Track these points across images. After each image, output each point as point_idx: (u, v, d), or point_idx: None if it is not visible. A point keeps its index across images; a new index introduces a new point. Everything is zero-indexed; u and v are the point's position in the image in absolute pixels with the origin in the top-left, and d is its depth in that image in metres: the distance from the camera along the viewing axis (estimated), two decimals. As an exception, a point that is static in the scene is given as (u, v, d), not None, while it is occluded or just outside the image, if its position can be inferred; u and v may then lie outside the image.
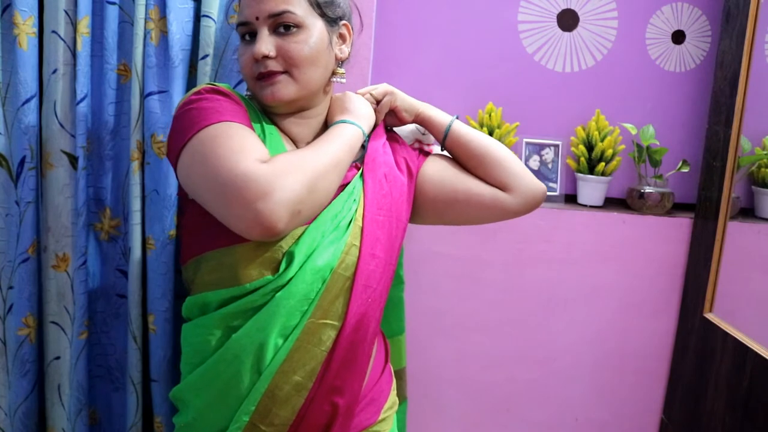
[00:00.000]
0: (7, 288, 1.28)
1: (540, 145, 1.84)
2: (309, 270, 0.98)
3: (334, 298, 1.00)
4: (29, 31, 1.23)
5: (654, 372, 1.83)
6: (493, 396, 1.83)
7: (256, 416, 0.98)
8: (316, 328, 0.99)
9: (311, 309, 0.98)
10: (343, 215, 1.03)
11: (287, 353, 0.97)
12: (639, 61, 1.85)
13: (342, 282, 1.01)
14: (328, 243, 1.00)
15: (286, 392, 0.98)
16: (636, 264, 1.78)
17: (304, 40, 1.02)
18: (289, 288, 0.97)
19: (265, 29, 1.01)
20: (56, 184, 1.28)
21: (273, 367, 0.97)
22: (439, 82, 1.82)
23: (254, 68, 1.02)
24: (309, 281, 0.98)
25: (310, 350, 0.99)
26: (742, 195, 1.74)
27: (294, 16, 1.01)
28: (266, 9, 1.00)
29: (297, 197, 0.87)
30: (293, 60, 1.01)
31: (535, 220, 1.75)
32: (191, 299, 1.05)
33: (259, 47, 1.00)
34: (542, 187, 1.16)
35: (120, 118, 1.35)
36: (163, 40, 1.30)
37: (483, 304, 1.78)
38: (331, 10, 1.06)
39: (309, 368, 0.99)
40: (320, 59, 1.04)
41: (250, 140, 0.92)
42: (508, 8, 1.81)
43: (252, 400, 0.98)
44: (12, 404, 1.30)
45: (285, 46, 1.01)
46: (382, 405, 1.13)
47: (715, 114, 1.69)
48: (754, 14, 1.54)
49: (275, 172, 0.86)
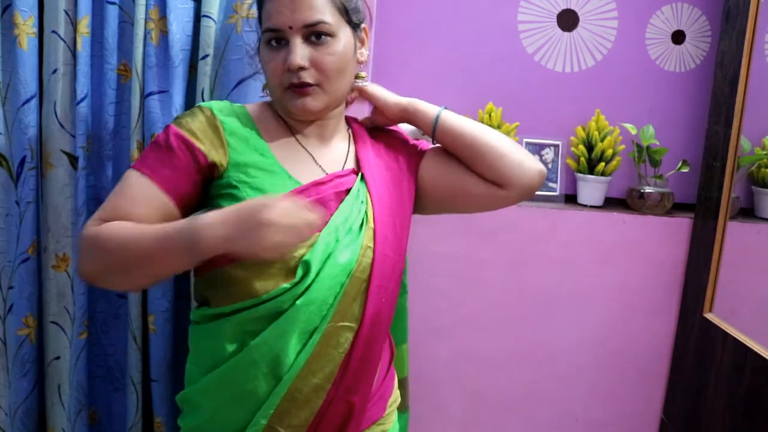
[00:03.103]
0: (7, 288, 1.28)
1: (540, 145, 1.84)
2: (327, 275, 0.98)
3: (352, 301, 1.01)
4: (29, 31, 1.23)
5: (654, 372, 1.83)
6: (493, 396, 1.83)
7: (274, 419, 0.98)
8: (335, 331, 0.99)
9: (330, 313, 0.99)
10: (354, 218, 1.03)
11: (307, 357, 0.98)
12: (639, 61, 1.84)
13: (359, 284, 1.01)
14: (344, 246, 1.00)
15: (305, 394, 0.99)
16: (636, 264, 1.78)
17: (336, 50, 1.01)
18: (308, 294, 0.97)
19: (298, 38, 0.99)
20: (56, 184, 1.28)
21: (293, 372, 0.97)
22: (439, 82, 1.82)
23: (284, 78, 1.01)
24: (328, 286, 0.98)
25: (329, 353, 0.99)
26: (742, 195, 1.74)
27: (327, 26, 0.99)
28: (301, 19, 0.98)
29: (91, 273, 0.95)
30: (326, 72, 1.01)
31: (535, 220, 1.75)
32: (206, 311, 1.03)
33: (294, 58, 0.98)
34: (538, 174, 1.11)
35: (120, 118, 1.35)
36: (163, 40, 1.30)
37: (483, 304, 1.78)
38: (356, 16, 1.06)
39: (328, 370, 0.99)
40: (349, 68, 1.05)
41: (126, 199, 0.96)
42: (508, 8, 1.81)
43: (271, 404, 0.98)
44: (12, 404, 1.30)
45: (319, 58, 1.00)
46: (388, 399, 1.15)
47: (715, 114, 1.69)
48: (754, 14, 1.54)
49: (89, 243, 0.94)
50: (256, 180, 1.00)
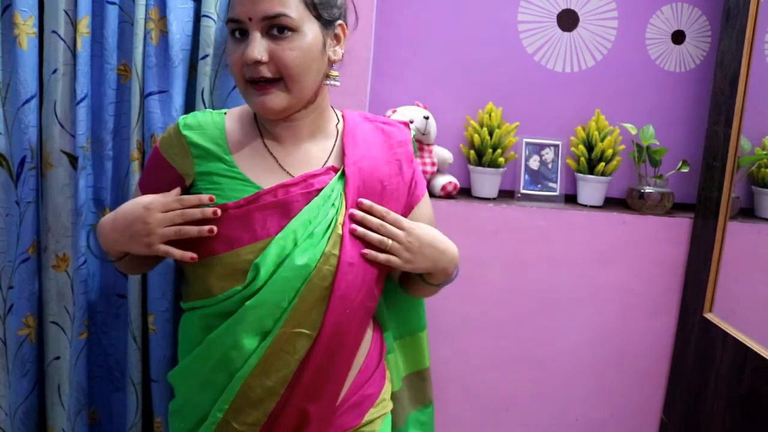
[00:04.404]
0: (7, 288, 1.28)
1: (540, 145, 1.84)
2: (280, 278, 0.98)
3: (310, 308, 0.99)
4: (29, 31, 1.23)
5: (654, 372, 1.83)
6: (493, 396, 1.83)
7: (230, 413, 1.01)
8: (289, 336, 0.99)
9: (284, 318, 0.98)
10: (318, 221, 1.00)
11: (259, 358, 0.99)
12: (639, 61, 1.84)
13: (319, 292, 0.99)
14: (301, 251, 0.98)
15: (258, 395, 1.00)
16: (636, 264, 1.78)
17: (299, 46, 0.98)
18: (257, 297, 0.98)
19: (257, 31, 0.97)
20: (56, 184, 1.28)
21: (245, 370, 0.99)
22: (439, 82, 1.82)
23: (245, 71, 0.99)
24: (279, 290, 0.98)
25: (283, 357, 0.99)
26: (742, 195, 1.73)
27: (289, 20, 0.96)
28: (261, 10, 0.95)
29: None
30: (286, 68, 0.98)
31: (535, 220, 1.75)
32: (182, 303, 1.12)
33: (251, 52, 0.96)
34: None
35: (120, 118, 1.35)
36: (163, 40, 1.30)
37: (483, 304, 1.78)
38: (327, 12, 1.01)
39: (281, 374, 1.00)
40: (313, 66, 1.01)
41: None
42: (508, 8, 1.81)
43: (225, 399, 1.01)
44: (12, 404, 1.30)
45: (278, 53, 0.97)
46: (368, 408, 1.11)
47: (715, 114, 1.69)
48: (754, 14, 1.54)
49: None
50: (218, 186, 1.02)
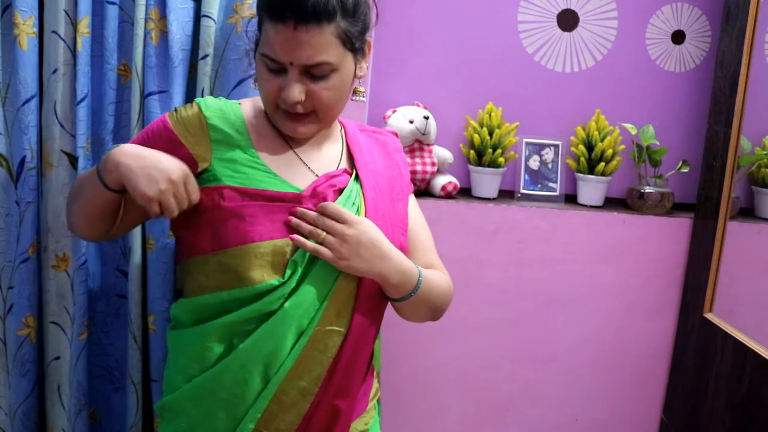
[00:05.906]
0: (7, 288, 1.28)
1: (540, 145, 1.84)
2: (314, 277, 0.98)
3: (341, 305, 1.00)
4: (29, 31, 1.23)
5: (654, 372, 1.83)
6: (493, 396, 1.83)
7: (261, 422, 0.98)
8: (323, 335, 0.99)
9: (318, 316, 0.98)
10: None
11: (295, 360, 0.97)
12: (639, 61, 1.84)
13: (348, 288, 1.01)
14: None
15: (292, 398, 0.98)
16: (636, 264, 1.78)
17: (335, 84, 0.99)
18: (296, 296, 0.97)
19: (296, 73, 0.96)
20: (56, 184, 1.28)
21: (280, 375, 0.97)
22: (439, 82, 1.82)
23: (279, 102, 1.00)
24: (315, 289, 0.98)
25: (316, 356, 0.99)
26: (742, 195, 1.74)
27: (329, 66, 0.96)
28: (303, 57, 0.94)
29: (68, 222, 1.14)
30: (322, 104, 0.99)
31: (535, 220, 1.75)
32: (186, 302, 1.04)
33: (291, 95, 0.96)
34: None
35: (120, 118, 1.35)
36: (163, 40, 1.30)
37: (483, 304, 1.78)
38: (360, 41, 1.01)
39: (315, 374, 0.99)
40: (345, 94, 1.03)
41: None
42: (508, 8, 1.81)
43: (258, 407, 0.97)
44: (12, 404, 1.30)
45: (316, 92, 0.98)
46: (370, 394, 1.15)
47: (715, 114, 1.69)
48: (754, 14, 1.54)
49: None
50: (245, 176, 1.00)
